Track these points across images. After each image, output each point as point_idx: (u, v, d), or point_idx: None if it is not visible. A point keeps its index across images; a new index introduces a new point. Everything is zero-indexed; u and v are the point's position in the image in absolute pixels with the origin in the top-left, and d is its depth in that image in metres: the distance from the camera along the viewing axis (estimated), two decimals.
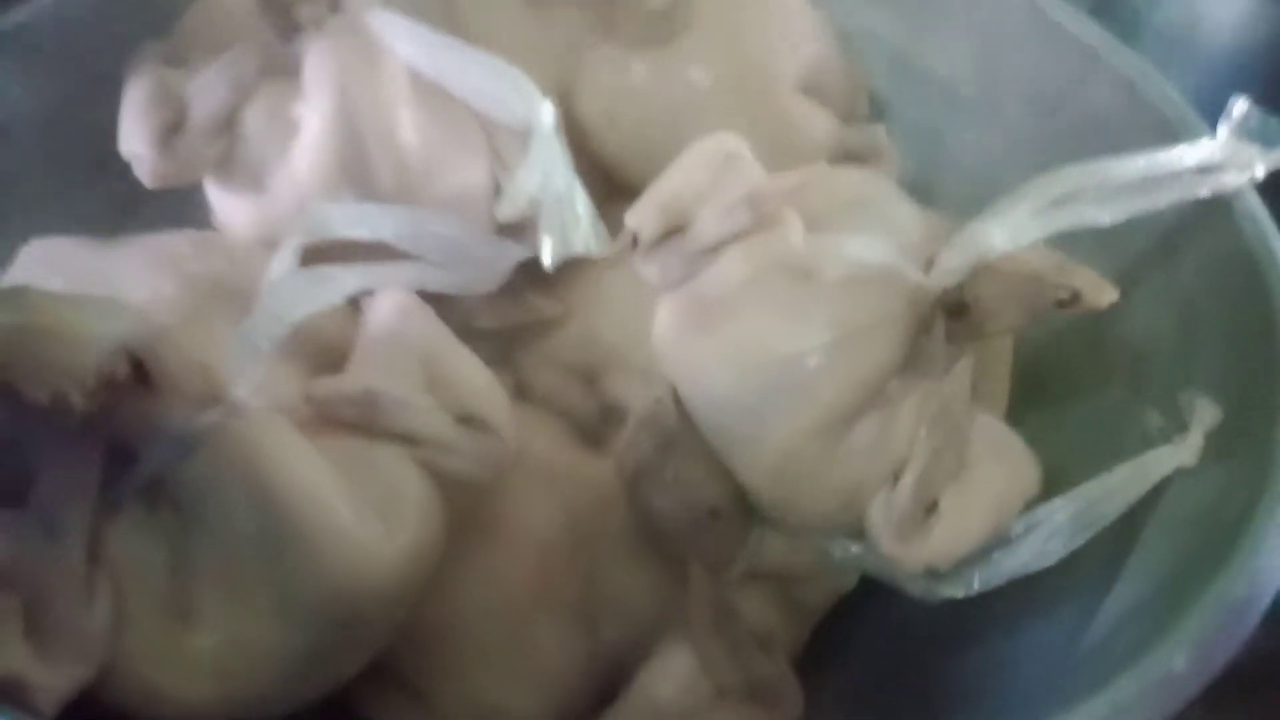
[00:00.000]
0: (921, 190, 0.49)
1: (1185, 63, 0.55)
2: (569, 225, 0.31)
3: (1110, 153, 0.40)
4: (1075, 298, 0.31)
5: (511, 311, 0.40)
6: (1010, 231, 0.32)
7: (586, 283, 0.42)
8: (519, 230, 0.36)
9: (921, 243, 0.36)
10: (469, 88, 0.34)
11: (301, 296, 0.28)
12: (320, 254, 0.32)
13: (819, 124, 0.44)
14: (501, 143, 0.36)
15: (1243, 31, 0.56)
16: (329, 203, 0.31)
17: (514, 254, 0.35)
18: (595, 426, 0.41)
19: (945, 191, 0.49)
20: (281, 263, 0.29)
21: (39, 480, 0.26)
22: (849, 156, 0.45)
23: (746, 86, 0.43)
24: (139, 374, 0.26)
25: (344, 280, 0.30)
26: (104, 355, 0.25)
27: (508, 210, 0.32)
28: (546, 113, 0.33)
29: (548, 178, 0.31)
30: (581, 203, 0.32)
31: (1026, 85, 0.46)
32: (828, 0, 0.49)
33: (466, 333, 0.36)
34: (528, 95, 0.33)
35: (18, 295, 0.25)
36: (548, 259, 0.32)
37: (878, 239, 0.35)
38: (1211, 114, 0.38)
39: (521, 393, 0.42)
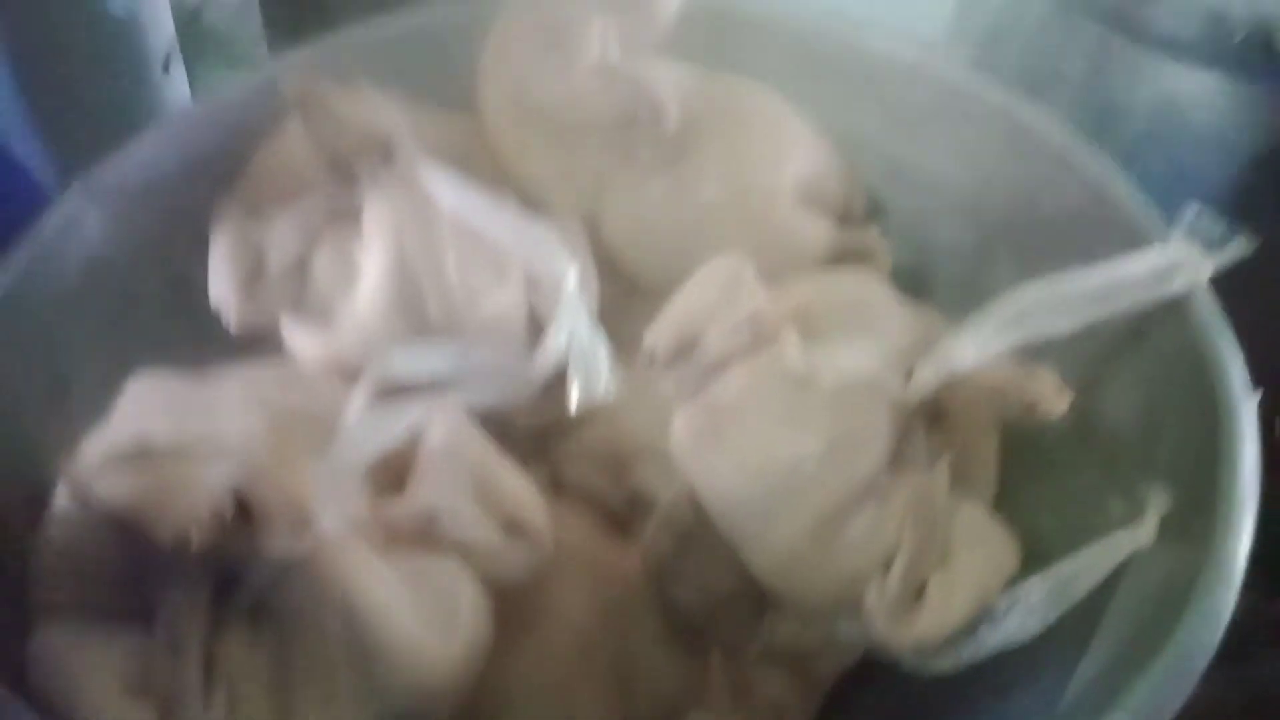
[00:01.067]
0: (914, 276, 0.54)
1: (1165, 147, 0.60)
2: (593, 376, 0.36)
3: (1082, 247, 0.46)
4: (1033, 406, 0.36)
5: (546, 410, 0.45)
6: (977, 347, 0.37)
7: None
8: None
9: (909, 344, 0.41)
10: (504, 240, 0.39)
11: (373, 435, 0.34)
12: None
13: (816, 231, 0.49)
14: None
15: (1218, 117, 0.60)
16: (390, 348, 0.36)
17: (546, 367, 0.40)
18: (624, 512, 0.46)
19: (936, 277, 0.54)
20: (355, 406, 0.35)
21: (162, 605, 0.31)
22: (845, 255, 0.50)
23: (750, 201, 0.48)
24: (243, 511, 0.31)
25: (407, 415, 0.35)
26: (215, 499, 0.30)
27: (542, 367, 0.37)
28: (571, 276, 0.38)
29: (574, 335, 0.36)
30: (603, 355, 0.37)
31: (1005, 184, 0.51)
32: (826, 108, 0.54)
33: (508, 431, 0.41)
34: (556, 257, 0.39)
35: (146, 455, 0.31)
36: (574, 407, 0.37)
37: (866, 348, 0.40)
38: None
39: (557, 483, 0.47)
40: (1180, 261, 0.40)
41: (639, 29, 0.51)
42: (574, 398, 0.36)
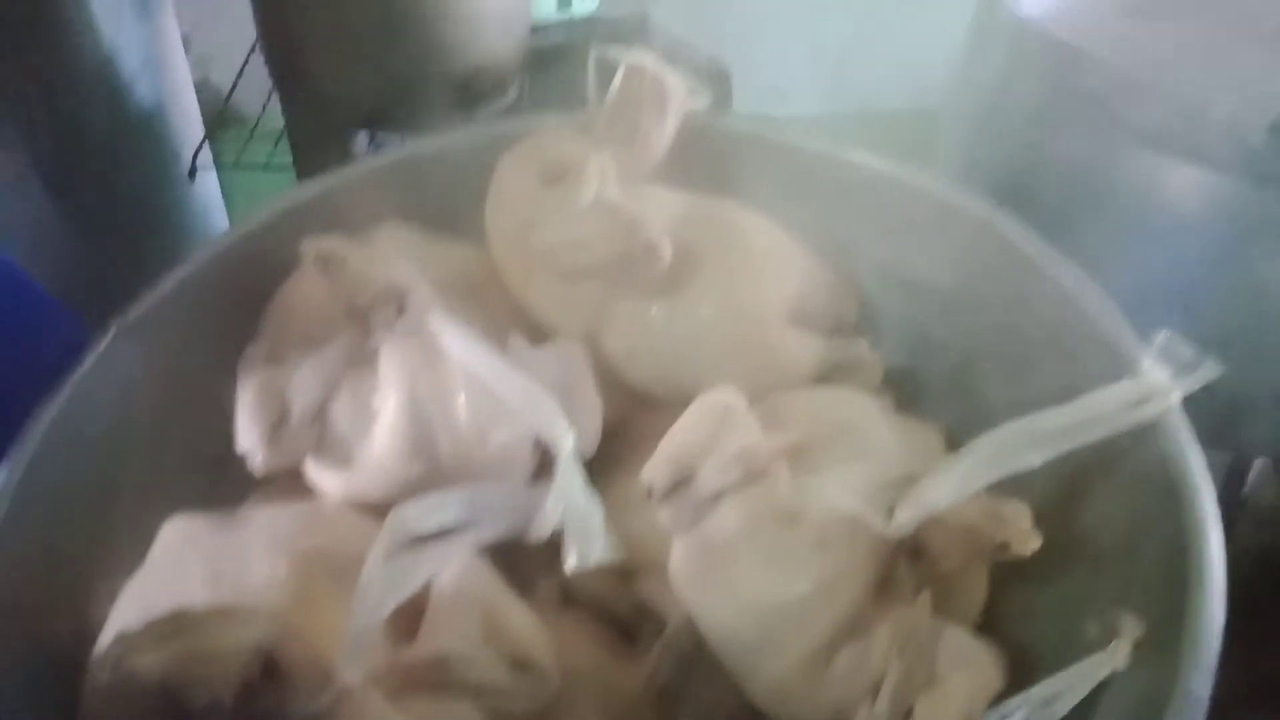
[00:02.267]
0: (908, 378, 0.56)
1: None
2: (589, 539, 0.39)
3: (1059, 355, 0.48)
4: (1006, 545, 0.38)
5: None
6: (954, 487, 0.39)
7: (619, 493, 0.50)
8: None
9: (897, 468, 0.44)
10: (507, 398, 0.42)
11: (391, 590, 0.37)
12: None
13: (807, 350, 0.51)
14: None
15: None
16: (404, 506, 0.39)
17: (543, 532, 0.42)
18: (633, 622, 0.49)
19: (929, 379, 0.56)
20: (372, 563, 0.38)
21: None
22: (836, 370, 0.52)
23: (743, 325, 0.50)
24: (271, 671, 0.34)
25: (422, 565, 0.38)
26: (246, 663, 0.33)
27: (540, 530, 0.40)
28: (568, 442, 0.41)
29: (571, 499, 0.39)
30: (598, 518, 0.40)
31: (988, 292, 0.53)
32: (818, 218, 0.57)
33: (519, 546, 0.44)
34: (554, 423, 0.41)
35: (179, 620, 0.34)
36: (571, 568, 0.39)
37: (855, 477, 0.43)
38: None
39: (567, 593, 0.50)
40: (1151, 390, 0.43)
41: (635, 160, 0.54)
42: (570, 563, 0.39)
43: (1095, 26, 0.67)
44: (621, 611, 0.49)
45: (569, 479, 0.39)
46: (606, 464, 0.49)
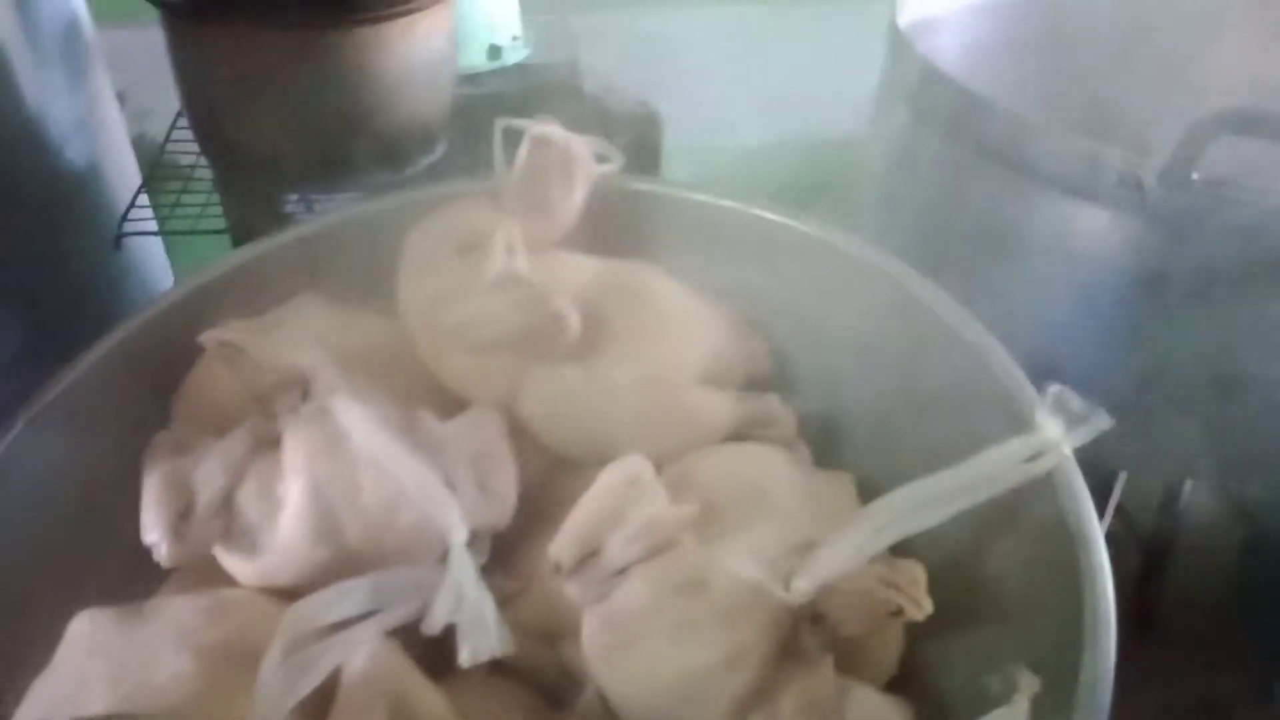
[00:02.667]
0: (827, 428, 0.57)
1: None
2: (482, 634, 0.39)
3: (964, 405, 0.49)
4: (900, 611, 0.39)
5: None
6: (849, 554, 0.40)
7: (541, 557, 0.50)
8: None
9: (805, 529, 0.44)
10: (405, 486, 0.43)
11: (291, 686, 0.37)
12: None
13: (719, 410, 0.52)
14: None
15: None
16: (301, 603, 0.39)
17: (435, 627, 0.41)
18: (559, 686, 0.49)
19: (847, 428, 0.57)
20: (271, 662, 0.38)
21: None
22: (750, 424, 0.53)
23: (655, 388, 0.51)
24: None
25: (326, 657, 0.38)
26: None
27: (433, 625, 0.40)
28: (459, 535, 0.41)
29: (463, 593, 0.40)
30: (490, 611, 0.40)
31: (900, 346, 0.54)
32: (732, 271, 0.58)
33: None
34: (446, 514, 0.42)
35: None
36: (464, 662, 0.40)
37: (761, 541, 0.43)
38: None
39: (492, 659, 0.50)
40: (1044, 445, 0.44)
41: (545, 228, 0.54)
42: (463, 658, 0.39)
43: (997, 73, 0.68)
44: (548, 676, 0.49)
45: (461, 573, 0.40)
46: (529, 524, 0.50)
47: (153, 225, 0.94)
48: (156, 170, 0.99)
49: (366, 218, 0.58)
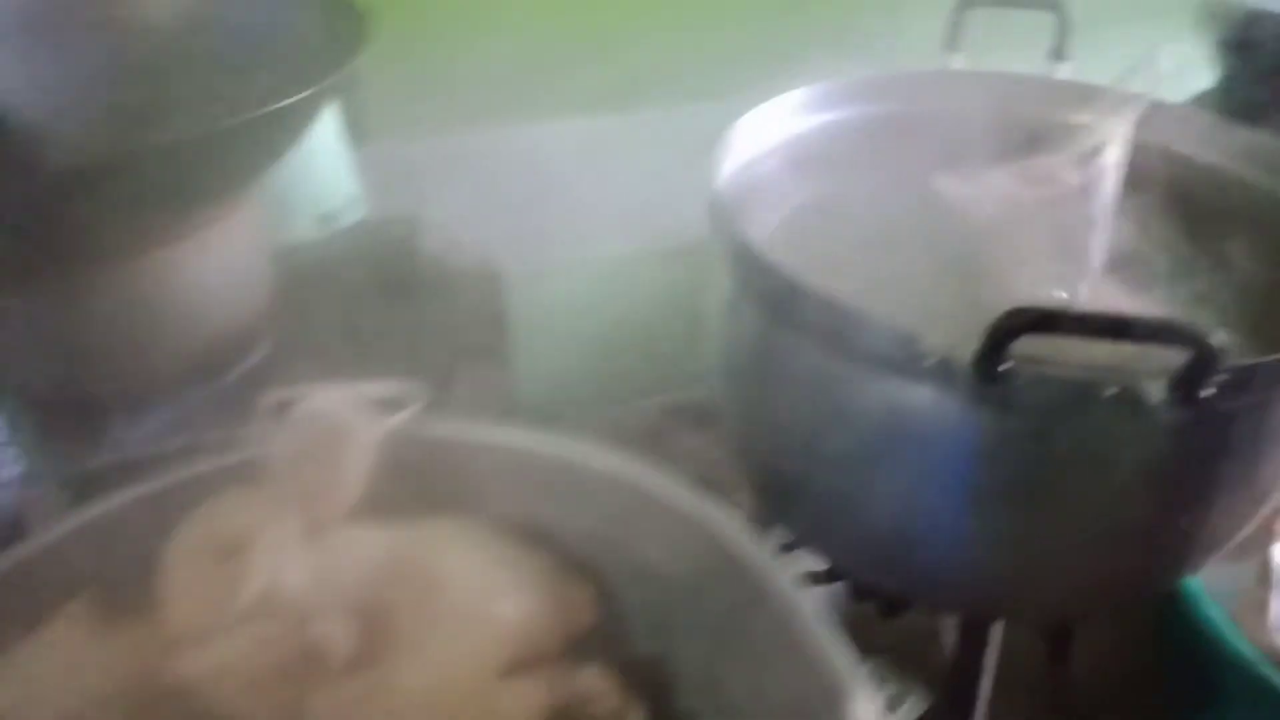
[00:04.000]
0: (658, 668, 0.53)
1: None
2: None
3: (785, 656, 0.46)
4: None
5: None
6: None
7: None
8: None
9: None
10: None
11: None
12: None
13: (526, 703, 0.48)
14: None
15: None
16: None
17: None
18: None
19: (680, 668, 0.53)
20: None
21: None
22: (568, 707, 0.49)
23: (452, 689, 0.47)
24: None
25: None
26: None
27: None
28: None
29: None
30: None
31: (722, 589, 0.51)
32: (547, 507, 0.54)
33: None
34: None
35: None
36: None
37: None
38: None
39: None
40: None
41: (324, 509, 0.50)
42: None
43: (813, 254, 0.66)
44: None
45: None
46: None
47: None
48: None
49: (136, 504, 0.53)
